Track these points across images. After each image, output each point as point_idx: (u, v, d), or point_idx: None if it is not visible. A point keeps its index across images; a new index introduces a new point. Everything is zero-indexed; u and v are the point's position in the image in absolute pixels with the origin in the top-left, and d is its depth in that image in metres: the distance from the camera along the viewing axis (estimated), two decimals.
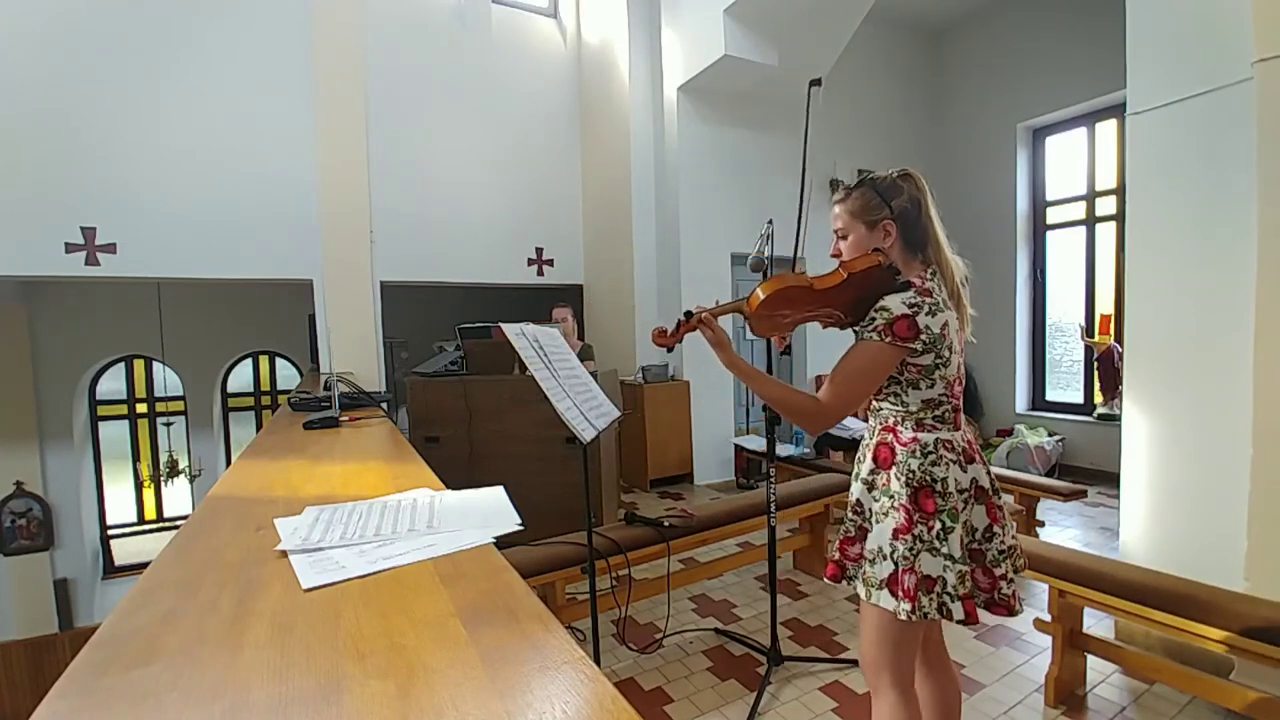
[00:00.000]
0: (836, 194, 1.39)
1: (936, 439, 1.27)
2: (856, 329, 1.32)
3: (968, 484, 1.26)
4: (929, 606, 1.22)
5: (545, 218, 5.91)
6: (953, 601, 1.22)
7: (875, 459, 1.34)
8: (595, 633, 1.98)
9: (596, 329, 6.09)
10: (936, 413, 1.28)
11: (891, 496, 1.27)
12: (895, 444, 1.30)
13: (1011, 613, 1.27)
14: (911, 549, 1.24)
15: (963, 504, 1.25)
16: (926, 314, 1.23)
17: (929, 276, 1.30)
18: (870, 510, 1.33)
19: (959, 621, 1.21)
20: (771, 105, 5.27)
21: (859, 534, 1.36)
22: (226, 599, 0.74)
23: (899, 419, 1.31)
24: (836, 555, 1.39)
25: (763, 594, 2.96)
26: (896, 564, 1.24)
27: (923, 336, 1.22)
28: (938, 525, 1.24)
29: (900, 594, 1.23)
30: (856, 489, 1.38)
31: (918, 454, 1.27)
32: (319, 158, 4.11)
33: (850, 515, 1.38)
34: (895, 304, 1.22)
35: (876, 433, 1.36)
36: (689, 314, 1.43)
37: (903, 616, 1.21)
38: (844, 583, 1.38)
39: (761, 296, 1.30)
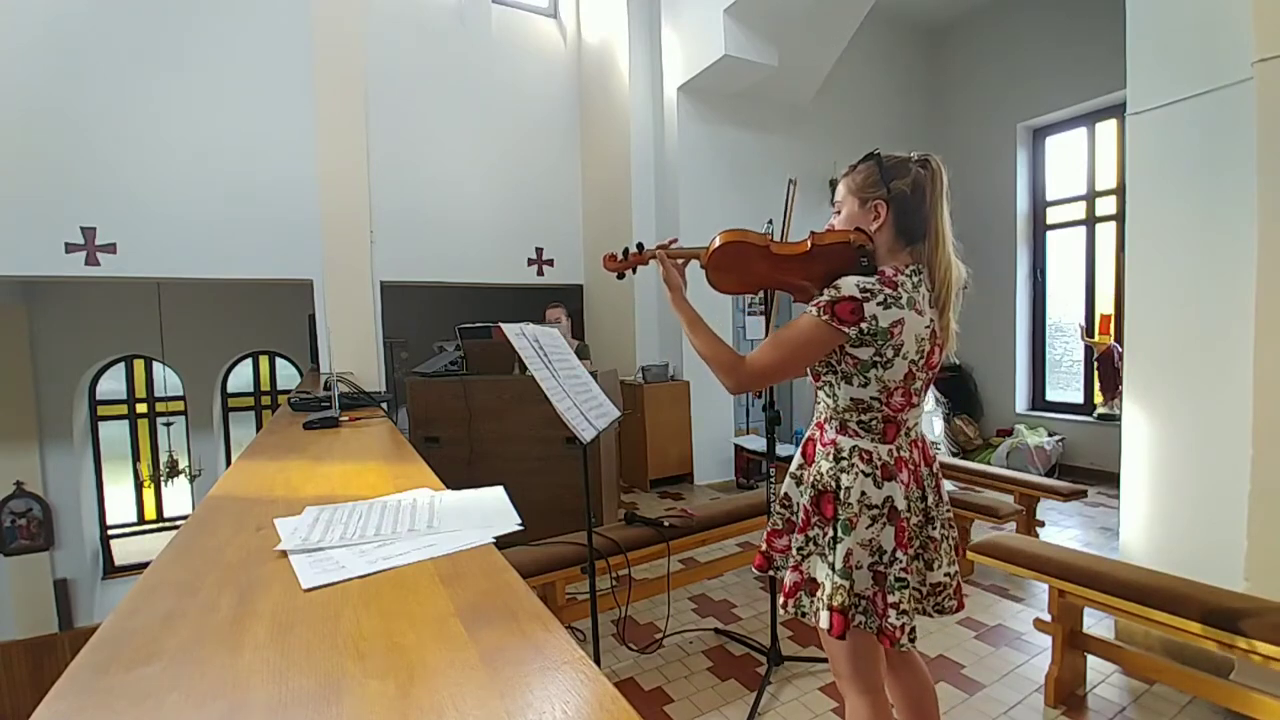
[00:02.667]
0: (844, 167, 1.33)
1: (854, 446, 1.21)
2: None
3: (879, 501, 1.19)
4: (807, 607, 1.22)
5: (545, 218, 5.91)
6: (823, 609, 1.18)
7: (803, 454, 1.33)
8: (595, 633, 1.98)
9: (596, 329, 6.09)
10: (863, 418, 1.21)
11: (805, 494, 1.26)
12: (818, 442, 1.28)
13: (894, 644, 1.17)
14: (801, 549, 1.23)
15: (869, 520, 1.18)
16: (879, 304, 1.13)
17: (906, 272, 1.19)
18: (797, 505, 1.31)
19: (825, 629, 1.18)
20: (771, 105, 5.27)
21: (786, 527, 1.34)
22: (226, 599, 0.74)
23: (828, 416, 1.27)
24: (764, 546, 1.38)
25: (763, 594, 2.96)
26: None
27: (863, 325, 1.13)
28: (830, 532, 1.20)
29: (781, 589, 1.23)
30: (787, 482, 1.36)
31: (830, 456, 1.23)
32: (319, 158, 4.12)
33: (778, 508, 1.36)
34: (848, 284, 1.14)
35: (810, 427, 1.34)
36: (640, 245, 1.42)
37: (781, 611, 1.24)
38: (772, 573, 1.37)
39: (717, 244, 1.28)
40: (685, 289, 1.39)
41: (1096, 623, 2.48)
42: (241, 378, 7.31)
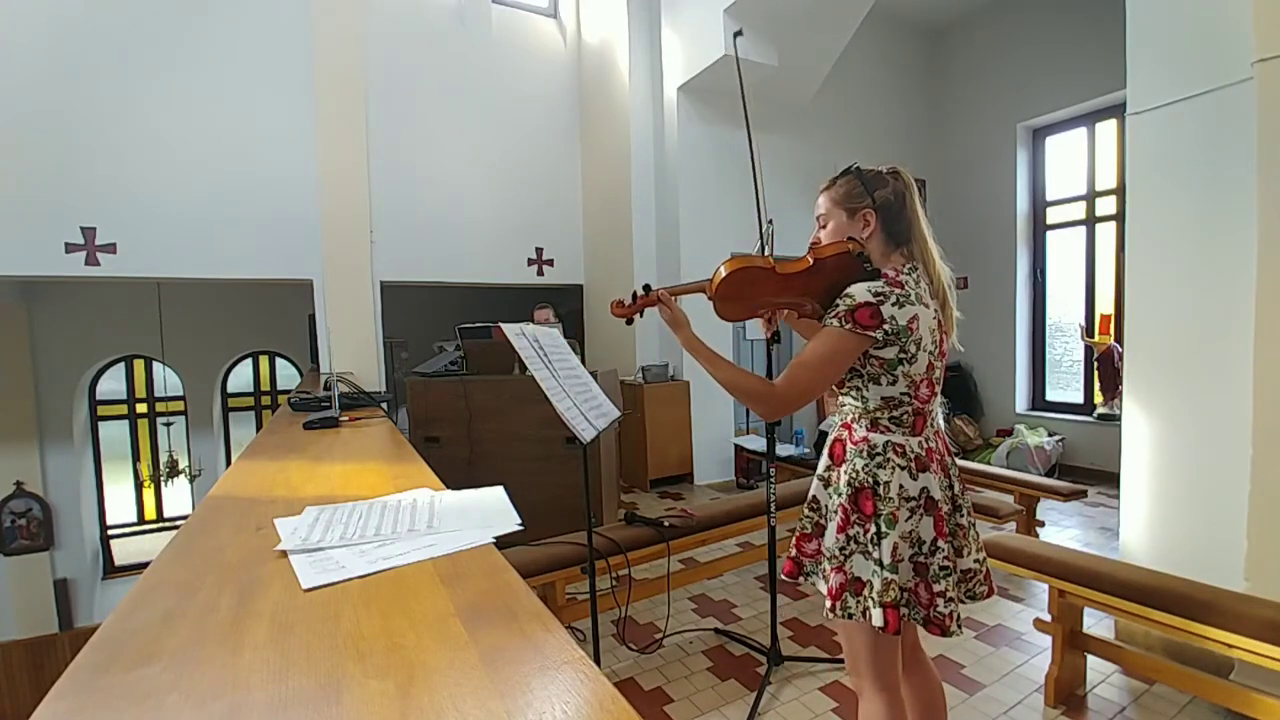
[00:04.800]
0: (823, 182, 1.36)
1: (887, 441, 1.24)
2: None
3: (916, 493, 1.22)
4: (854, 608, 1.21)
5: (545, 218, 5.91)
6: (875, 607, 1.19)
7: (831, 455, 1.33)
8: (595, 633, 1.98)
9: (597, 329, 6.09)
10: (894, 413, 1.24)
11: (840, 494, 1.26)
12: (848, 441, 1.29)
13: (945, 633, 1.20)
14: (844, 549, 1.23)
15: (908, 513, 1.21)
16: (893, 304, 1.18)
17: (905, 270, 1.25)
18: (826, 507, 1.32)
19: (878, 628, 1.18)
20: (771, 105, 5.26)
21: (815, 530, 1.34)
22: (226, 599, 0.74)
23: (856, 416, 1.28)
24: (794, 552, 1.37)
25: (763, 594, 2.96)
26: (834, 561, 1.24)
27: (885, 326, 1.17)
28: (873, 529, 1.21)
29: (828, 594, 1.23)
30: (814, 485, 1.36)
31: (864, 454, 1.24)
32: (319, 157, 4.10)
33: (807, 511, 1.36)
34: (860, 291, 1.18)
35: (836, 428, 1.34)
36: (647, 288, 1.43)
37: (827, 615, 1.23)
38: (801, 579, 1.36)
39: (723, 274, 1.28)
40: (690, 326, 1.39)
41: (1096, 623, 2.48)
42: (241, 378, 7.31)
